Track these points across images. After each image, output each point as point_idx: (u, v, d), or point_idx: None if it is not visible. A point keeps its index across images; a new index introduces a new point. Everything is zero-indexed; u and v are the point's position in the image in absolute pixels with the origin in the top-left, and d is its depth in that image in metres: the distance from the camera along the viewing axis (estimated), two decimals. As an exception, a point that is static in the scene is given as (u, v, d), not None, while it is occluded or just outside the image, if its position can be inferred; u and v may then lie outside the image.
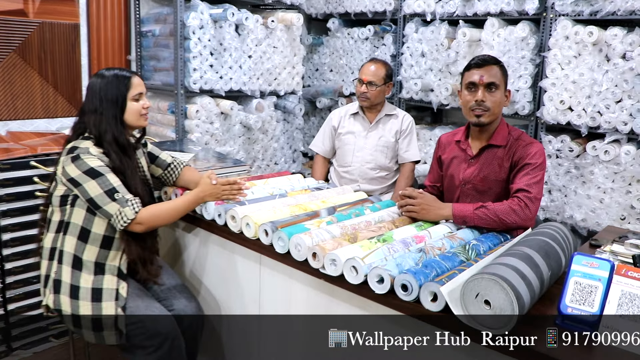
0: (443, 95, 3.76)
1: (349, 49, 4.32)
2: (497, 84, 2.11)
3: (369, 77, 2.97)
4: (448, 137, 2.39)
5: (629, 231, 2.50)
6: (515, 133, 2.20)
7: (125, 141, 1.95)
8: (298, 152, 4.01)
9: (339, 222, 1.96)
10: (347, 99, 4.32)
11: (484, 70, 2.12)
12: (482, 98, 2.11)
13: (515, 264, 1.48)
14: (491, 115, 2.13)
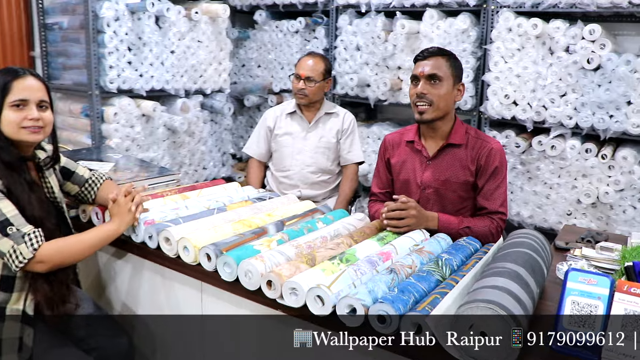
0: (381, 90, 3.58)
1: (278, 43, 4.05)
2: (439, 76, 1.94)
3: (307, 73, 2.72)
4: (395, 137, 2.19)
5: (589, 230, 2.42)
6: (471, 130, 2.06)
7: (12, 158, 1.57)
8: (227, 155, 3.69)
9: (291, 239, 1.71)
10: (278, 96, 4.05)
11: (426, 62, 1.97)
12: (421, 90, 1.95)
13: (507, 285, 1.30)
14: (436, 111, 1.96)
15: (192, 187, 2.28)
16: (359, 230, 1.85)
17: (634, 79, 2.68)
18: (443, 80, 1.95)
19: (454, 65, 1.99)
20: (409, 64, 3.41)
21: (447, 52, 2.00)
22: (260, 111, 4.21)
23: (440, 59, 1.96)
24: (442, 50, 2.00)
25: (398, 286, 1.41)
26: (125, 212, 1.73)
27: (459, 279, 1.48)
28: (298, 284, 1.37)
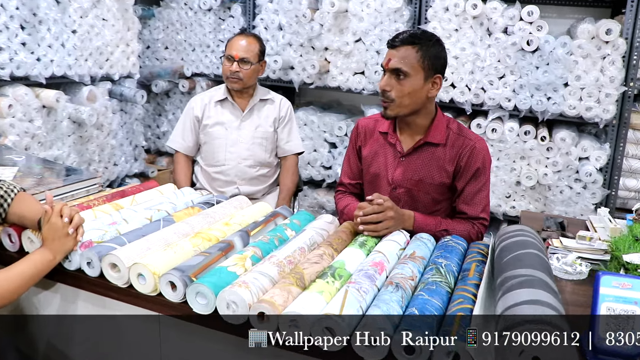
0: (307, 73, 3.34)
1: (188, 22, 3.65)
2: (405, 71, 1.70)
3: (242, 53, 2.41)
4: (369, 123, 1.97)
5: (547, 215, 2.38)
6: (453, 125, 1.85)
7: None
8: (140, 149, 3.27)
9: (264, 254, 1.45)
10: (190, 80, 3.67)
11: (393, 52, 1.73)
12: (383, 86, 1.74)
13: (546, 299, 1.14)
14: (398, 108, 1.75)
15: (122, 193, 1.91)
16: (334, 236, 1.62)
17: (571, 61, 2.69)
18: (410, 76, 1.71)
19: (428, 55, 1.72)
20: (337, 45, 3.21)
21: (420, 39, 1.73)
22: (169, 98, 3.80)
23: (410, 49, 1.71)
24: (414, 38, 1.72)
25: (412, 305, 1.22)
26: (63, 237, 1.37)
27: (472, 289, 1.32)
28: (301, 315, 1.13)
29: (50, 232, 1.37)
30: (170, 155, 3.92)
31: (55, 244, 1.37)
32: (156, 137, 3.88)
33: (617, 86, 2.67)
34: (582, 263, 1.68)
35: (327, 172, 3.47)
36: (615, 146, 2.79)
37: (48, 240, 1.37)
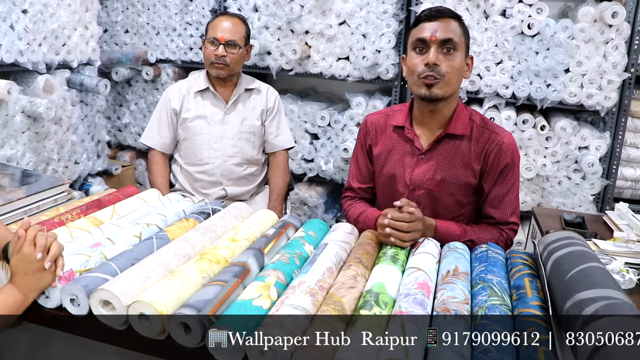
0: (285, 58, 3.08)
1: (151, 3, 3.30)
2: (456, 43, 1.52)
3: (228, 36, 2.14)
4: (379, 119, 1.75)
5: (562, 211, 2.24)
6: (476, 117, 1.66)
7: None
8: (103, 144, 2.93)
9: (288, 279, 1.22)
10: (154, 67, 3.33)
11: (437, 24, 1.52)
12: (434, 60, 1.51)
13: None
14: (446, 87, 1.53)
15: (98, 202, 1.63)
16: (360, 250, 1.41)
17: (572, 46, 2.55)
18: (458, 49, 1.53)
19: (465, 31, 1.57)
20: (319, 28, 2.96)
21: (458, 15, 1.58)
22: (131, 87, 3.45)
23: (454, 21, 1.53)
24: (454, 12, 1.56)
25: (481, 338, 1.02)
26: (37, 271, 1.09)
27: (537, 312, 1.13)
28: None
29: (21, 265, 1.09)
30: (134, 149, 3.59)
31: (27, 280, 1.09)
32: (117, 130, 3.52)
33: (619, 72, 2.55)
34: (629, 270, 1.53)
35: (309, 165, 3.24)
36: (614, 135, 2.68)
37: (18, 275, 1.10)
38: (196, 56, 3.29)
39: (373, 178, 1.77)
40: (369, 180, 1.78)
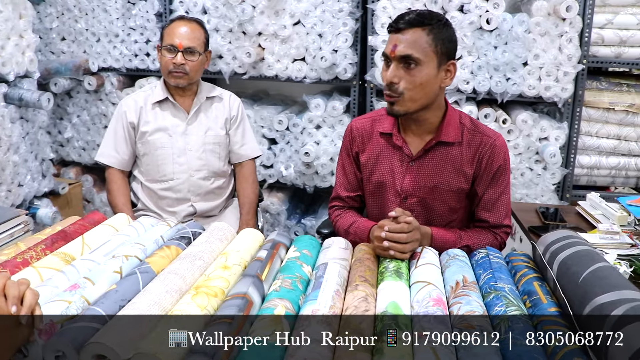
0: (238, 62, 2.96)
1: (89, 8, 3.08)
2: (416, 58, 1.43)
3: (187, 42, 2.00)
4: (365, 124, 1.68)
5: (537, 205, 2.26)
6: (466, 120, 1.61)
7: None
8: (47, 162, 2.70)
9: (296, 307, 1.14)
10: (97, 77, 3.12)
11: (399, 37, 1.45)
12: (391, 78, 1.45)
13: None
14: (408, 103, 1.48)
15: (62, 234, 1.47)
16: (361, 267, 1.34)
17: (529, 40, 2.57)
18: (422, 63, 1.44)
19: (441, 37, 1.46)
20: (273, 29, 2.86)
21: (431, 19, 1.46)
22: (72, 98, 3.21)
23: (419, 31, 1.44)
24: (423, 18, 1.45)
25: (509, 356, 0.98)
26: (12, 327, 0.94)
27: (559, 320, 1.10)
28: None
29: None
30: (78, 164, 3.36)
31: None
32: (59, 145, 3.28)
33: (574, 64, 2.61)
34: (621, 262, 1.54)
35: (269, 172, 3.13)
36: (571, 124, 2.74)
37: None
38: (142, 63, 3.10)
39: (361, 186, 1.70)
40: (358, 188, 1.71)
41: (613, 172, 2.88)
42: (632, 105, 2.72)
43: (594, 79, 2.80)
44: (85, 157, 3.28)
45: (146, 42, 3.07)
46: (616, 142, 2.81)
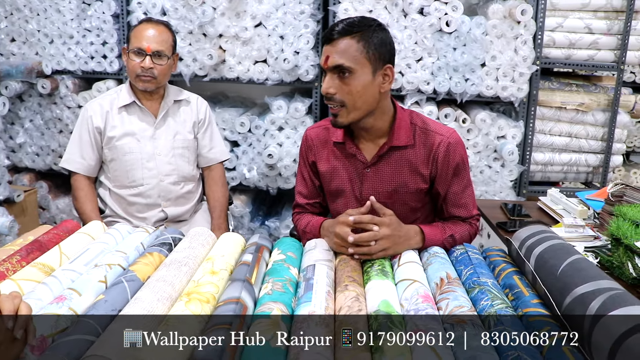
0: (199, 64, 2.93)
1: (41, 8, 2.96)
2: (348, 67, 1.42)
3: (155, 45, 1.96)
4: (319, 133, 1.68)
5: (499, 201, 2.34)
6: (417, 120, 1.60)
7: None
8: (2, 169, 2.58)
9: (290, 309, 1.15)
10: (51, 80, 3.00)
11: (330, 48, 1.45)
12: (326, 89, 1.46)
13: None
14: (352, 112, 1.48)
15: (37, 244, 1.42)
16: (348, 267, 1.36)
17: (487, 41, 2.67)
18: (355, 72, 1.43)
19: (372, 43, 1.44)
20: (234, 31, 2.84)
21: (359, 26, 1.44)
22: (24, 102, 3.09)
23: (349, 40, 1.42)
24: (351, 26, 1.44)
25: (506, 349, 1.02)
26: (6, 341, 0.91)
27: (544, 311, 1.15)
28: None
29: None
30: (32, 171, 3.23)
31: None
32: (10, 151, 3.13)
33: (529, 65, 2.72)
34: (588, 254, 1.63)
35: (231, 174, 3.11)
36: (526, 123, 2.86)
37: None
38: (99, 65, 3.01)
39: (320, 193, 1.72)
40: (316, 196, 1.72)
41: (565, 168, 3.03)
42: (581, 105, 2.86)
43: (546, 79, 2.94)
44: (40, 163, 3.16)
45: (103, 44, 2.98)
46: (568, 139, 2.95)
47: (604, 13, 2.85)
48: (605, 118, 2.93)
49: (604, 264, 1.59)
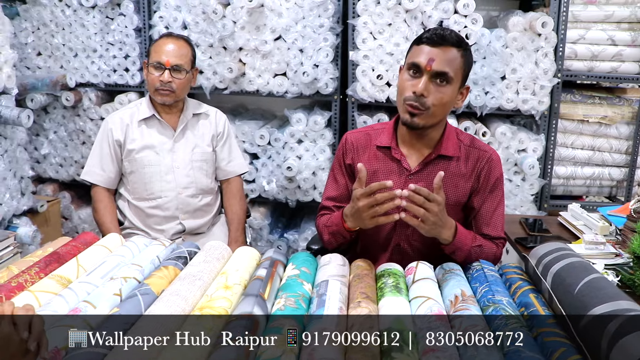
0: (219, 77, 2.96)
1: (66, 23, 3.03)
2: (450, 77, 1.46)
3: (175, 60, 1.99)
4: (359, 137, 1.69)
5: (519, 216, 2.31)
6: (463, 136, 1.65)
7: None
8: (27, 180, 2.64)
9: (302, 325, 1.14)
10: (75, 92, 3.07)
11: (437, 51, 1.46)
12: (422, 90, 1.46)
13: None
14: (430, 118, 1.51)
15: (55, 256, 1.44)
16: (361, 283, 1.35)
17: (507, 54, 2.65)
18: (452, 83, 1.47)
19: (468, 62, 1.52)
20: (254, 44, 2.87)
21: (465, 42, 1.51)
22: (49, 114, 3.16)
23: (455, 51, 1.47)
24: (460, 39, 1.49)
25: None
26: (19, 354, 0.93)
27: (558, 331, 1.13)
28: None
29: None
30: (56, 181, 3.29)
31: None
32: (35, 162, 3.21)
33: (550, 78, 2.69)
34: (608, 272, 1.59)
35: (251, 187, 3.12)
36: (547, 136, 2.82)
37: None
38: (121, 78, 3.06)
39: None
40: (346, 199, 1.71)
41: (588, 182, 2.98)
42: (604, 117, 2.82)
43: (568, 91, 2.90)
44: (63, 173, 3.22)
45: (125, 58, 3.04)
46: (590, 152, 2.90)
47: (628, 24, 2.80)
48: (629, 131, 2.87)
49: (625, 283, 1.55)
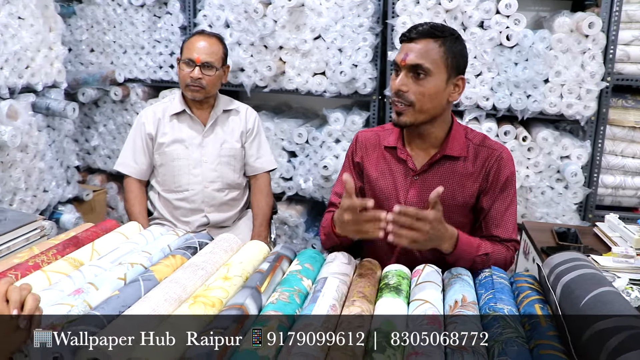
0: (259, 75, 3.00)
1: (117, 21, 3.18)
2: (426, 68, 1.43)
3: (205, 57, 2.05)
4: (370, 136, 1.68)
5: (552, 224, 2.22)
6: (472, 135, 1.60)
7: None
8: (72, 170, 2.79)
9: (291, 321, 1.14)
10: (123, 87, 3.21)
11: (411, 46, 1.45)
12: (399, 86, 1.45)
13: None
14: (417, 114, 1.47)
15: (75, 240, 1.51)
16: (361, 282, 1.34)
17: (551, 56, 2.54)
18: (432, 74, 1.44)
19: (452, 51, 1.46)
20: (293, 43, 2.89)
21: (443, 31, 1.47)
22: (99, 107, 3.32)
23: (431, 42, 1.44)
24: (435, 30, 1.46)
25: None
26: (11, 331, 0.98)
27: (556, 344, 1.07)
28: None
29: None
30: (104, 172, 3.45)
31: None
32: (85, 153, 3.38)
33: (597, 81, 2.56)
34: (634, 287, 1.50)
35: (288, 184, 3.16)
36: (594, 143, 2.69)
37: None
38: (166, 75, 3.17)
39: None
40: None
41: (639, 193, 2.81)
42: (658, 125, 2.65)
43: (619, 96, 2.75)
44: (110, 164, 3.37)
45: (170, 55, 3.15)
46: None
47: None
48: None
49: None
